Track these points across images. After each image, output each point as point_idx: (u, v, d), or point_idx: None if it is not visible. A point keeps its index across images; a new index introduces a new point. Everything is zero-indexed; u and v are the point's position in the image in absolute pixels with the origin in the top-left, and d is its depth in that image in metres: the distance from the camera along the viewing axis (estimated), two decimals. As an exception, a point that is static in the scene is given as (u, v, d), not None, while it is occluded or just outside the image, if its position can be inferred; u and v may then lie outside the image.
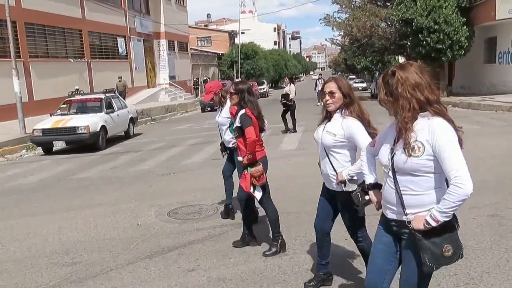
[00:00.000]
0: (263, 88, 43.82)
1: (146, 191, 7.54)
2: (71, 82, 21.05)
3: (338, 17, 30.23)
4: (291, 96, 14.32)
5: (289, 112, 14.06)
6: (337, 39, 35.68)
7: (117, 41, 28.67)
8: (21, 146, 13.36)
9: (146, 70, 32.81)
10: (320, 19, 30.59)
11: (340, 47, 41.74)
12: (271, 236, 4.64)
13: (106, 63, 26.91)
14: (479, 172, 7.21)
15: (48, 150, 12.79)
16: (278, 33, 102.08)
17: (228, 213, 5.77)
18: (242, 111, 4.40)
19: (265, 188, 4.41)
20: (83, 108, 14.08)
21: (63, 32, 23.17)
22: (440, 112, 2.29)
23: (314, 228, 3.66)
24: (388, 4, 27.56)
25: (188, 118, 23.50)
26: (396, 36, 25.97)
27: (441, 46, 20.75)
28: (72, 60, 23.34)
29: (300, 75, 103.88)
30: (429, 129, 2.23)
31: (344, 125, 3.24)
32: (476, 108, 17.09)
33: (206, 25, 74.02)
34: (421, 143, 2.23)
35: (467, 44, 20.95)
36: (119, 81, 23.07)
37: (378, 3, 28.42)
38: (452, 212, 2.21)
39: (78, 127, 12.32)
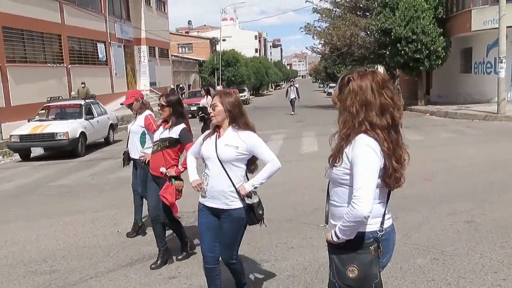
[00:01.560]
0: (244, 96, 43.86)
1: (126, 198, 7.46)
2: (49, 88, 20.72)
3: (319, 26, 30.58)
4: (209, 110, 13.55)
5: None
6: (317, 48, 36.06)
7: (97, 46, 28.40)
8: (-2, 152, 13.12)
9: (127, 76, 32.56)
10: (301, 28, 30.89)
11: (320, 56, 42.19)
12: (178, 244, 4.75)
13: (86, 68, 26.61)
14: (455, 180, 7.39)
15: (25, 156, 12.59)
16: (259, 41, 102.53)
17: (137, 230, 5.56)
18: (182, 126, 4.31)
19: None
20: (62, 114, 13.91)
21: (42, 37, 22.84)
22: (375, 137, 2.12)
23: (204, 255, 3.39)
24: (368, 14, 27.99)
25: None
26: (375, 45, 26.35)
27: (419, 56, 21.15)
28: (52, 65, 23.03)
29: (281, 82, 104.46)
30: (352, 144, 2.14)
31: (243, 137, 3.22)
32: (452, 117, 17.45)
33: (187, 32, 73.91)
34: (346, 155, 2.15)
35: (444, 54, 21.42)
36: (82, 87, 21.56)
37: (358, 13, 28.84)
38: (350, 232, 2.10)
39: (57, 133, 12.16)
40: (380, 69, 43.67)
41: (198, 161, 3.52)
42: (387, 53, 24.50)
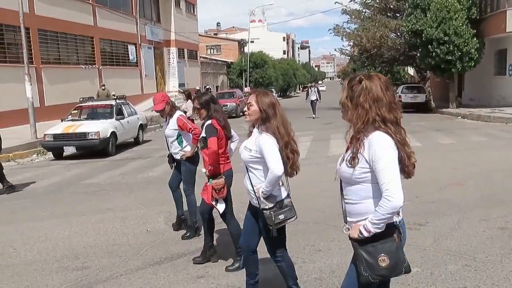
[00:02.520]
0: (272, 97, 43.78)
1: (155, 197, 7.58)
2: (82, 88, 21.24)
3: (348, 28, 30.36)
4: (188, 114, 12.44)
5: None
6: (346, 49, 35.78)
7: (127, 48, 28.95)
8: (32, 150, 13.49)
9: (156, 77, 33.06)
10: (330, 29, 30.72)
11: (349, 57, 41.82)
12: (233, 251, 4.56)
13: (117, 70, 27.17)
14: (487, 185, 7.20)
15: (58, 155, 12.90)
16: (287, 43, 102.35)
17: (180, 224, 5.68)
18: (208, 122, 4.32)
19: (227, 202, 4.27)
20: (94, 114, 14.21)
21: (75, 39, 23.44)
22: (387, 131, 2.28)
23: (240, 246, 3.62)
24: (398, 15, 27.62)
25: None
26: (406, 47, 25.98)
27: (450, 58, 20.73)
28: (84, 67, 23.58)
29: (308, 84, 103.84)
30: (368, 142, 2.26)
31: (257, 141, 3.24)
32: (486, 120, 17.01)
33: (216, 34, 74.43)
34: (361, 154, 2.27)
35: (477, 56, 20.92)
36: (102, 89, 20.88)
37: (388, 14, 28.49)
38: (383, 224, 2.23)
39: (88, 133, 12.42)
40: (410, 71, 43.07)
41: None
42: (418, 54, 24.14)
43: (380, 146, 2.23)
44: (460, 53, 20.58)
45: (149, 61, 31.77)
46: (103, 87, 21.15)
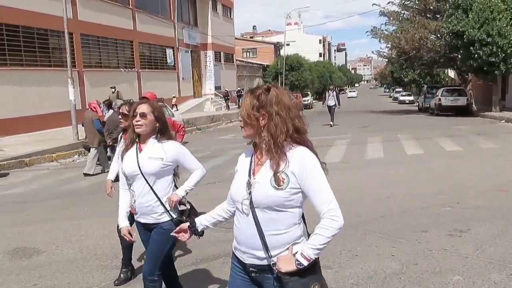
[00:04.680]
0: (308, 100, 43.67)
1: (192, 198, 7.65)
2: (121, 91, 21.78)
3: (386, 29, 29.97)
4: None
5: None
6: (384, 52, 35.27)
7: (165, 52, 29.50)
8: (74, 151, 13.92)
9: (193, 80, 33.53)
10: (367, 31, 30.40)
11: (386, 60, 41.17)
12: None
13: (155, 73, 27.73)
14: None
15: (98, 156, 13.24)
16: (324, 45, 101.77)
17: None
18: None
19: None
20: (133, 116, 14.49)
21: (115, 43, 24.09)
22: (305, 142, 2.07)
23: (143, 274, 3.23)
24: (438, 16, 27.02)
25: (232, 129, 23.74)
26: (446, 49, 25.37)
27: (494, 59, 20.08)
28: (123, 70, 24.19)
29: (345, 87, 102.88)
30: (295, 159, 2.00)
31: (166, 148, 3.09)
32: (531, 124, 16.37)
33: (252, 37, 74.85)
34: (286, 174, 2.00)
35: (522, 57, 20.18)
36: (112, 92, 19.54)
37: (428, 15, 27.91)
38: (324, 248, 2.04)
39: (127, 135, 12.67)
40: (451, 73, 41.98)
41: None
42: (459, 56, 23.52)
43: (311, 162, 2.01)
44: (504, 55, 19.92)
45: (186, 64, 32.26)
46: (112, 90, 19.95)
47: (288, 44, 53.48)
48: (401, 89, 60.08)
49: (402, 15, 29.21)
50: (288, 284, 2.01)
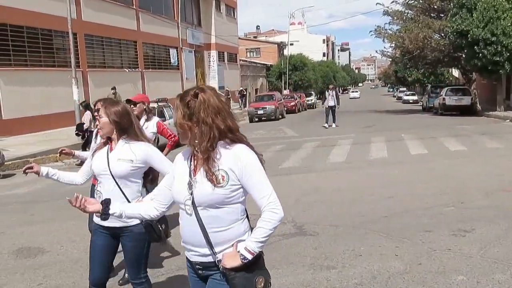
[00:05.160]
0: (311, 99, 43.64)
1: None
2: (125, 91, 21.84)
3: (390, 29, 29.89)
4: (85, 126, 12.02)
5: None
6: (387, 51, 35.21)
7: (169, 52, 29.56)
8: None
9: (196, 80, 33.58)
10: (371, 31, 30.36)
11: (390, 59, 41.10)
12: None
13: (159, 73, 27.80)
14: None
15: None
16: (327, 45, 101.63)
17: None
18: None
19: None
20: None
21: (119, 43, 24.17)
22: (240, 139, 2.12)
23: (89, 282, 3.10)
24: (442, 15, 26.95)
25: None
26: (450, 48, 25.30)
27: (498, 59, 20.00)
28: (127, 70, 24.25)
29: (349, 87, 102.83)
30: (233, 157, 2.06)
31: (134, 149, 3.00)
32: (536, 123, 16.29)
33: (255, 37, 74.82)
34: (225, 171, 2.05)
35: (526, 56, 20.09)
36: (112, 93, 18.84)
37: (432, 14, 27.84)
38: (266, 241, 2.08)
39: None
40: (455, 72, 41.84)
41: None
42: (463, 56, 23.46)
43: (249, 158, 2.07)
44: (508, 54, 19.84)
45: (190, 64, 32.32)
46: (113, 91, 19.36)
47: (291, 44, 53.46)
48: (405, 89, 59.95)
49: (406, 14, 29.14)
50: (234, 280, 2.05)
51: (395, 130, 16.49)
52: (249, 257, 2.04)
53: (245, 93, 37.69)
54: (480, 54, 20.31)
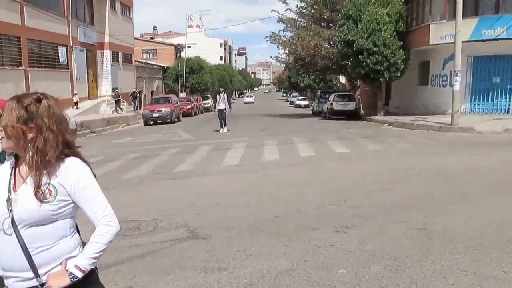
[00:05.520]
0: (208, 103, 43.84)
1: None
2: (6, 91, 20.06)
3: (284, 36, 31.05)
4: None
5: None
6: (282, 57, 36.52)
7: (58, 50, 27.75)
8: None
9: (88, 81, 31.95)
10: (266, 37, 31.31)
11: (284, 65, 42.75)
12: None
13: (46, 72, 25.93)
14: (410, 189, 7.63)
15: None
16: (225, 49, 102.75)
17: None
18: None
19: None
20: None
21: (-1, 38, 22.17)
22: (76, 153, 2.00)
23: None
24: (332, 25, 28.62)
25: (129, 132, 23.06)
26: (338, 56, 26.94)
27: (379, 68, 21.74)
28: (9, 68, 22.30)
29: (245, 91, 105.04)
30: (64, 170, 1.92)
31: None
32: (409, 127, 17.99)
33: (152, 38, 73.16)
34: (53, 186, 1.90)
35: (403, 66, 22.13)
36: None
37: (322, 24, 29.44)
38: (100, 256, 1.98)
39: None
40: (342, 79, 44.69)
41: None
42: (349, 64, 25.12)
43: (81, 171, 1.95)
44: (388, 64, 21.65)
45: (81, 64, 30.63)
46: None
47: (189, 47, 53.21)
48: (297, 94, 62.72)
49: (299, 22, 30.47)
50: None
51: (287, 133, 17.20)
52: (79, 275, 1.90)
53: (137, 94, 36.67)
54: (364, 63, 21.93)
